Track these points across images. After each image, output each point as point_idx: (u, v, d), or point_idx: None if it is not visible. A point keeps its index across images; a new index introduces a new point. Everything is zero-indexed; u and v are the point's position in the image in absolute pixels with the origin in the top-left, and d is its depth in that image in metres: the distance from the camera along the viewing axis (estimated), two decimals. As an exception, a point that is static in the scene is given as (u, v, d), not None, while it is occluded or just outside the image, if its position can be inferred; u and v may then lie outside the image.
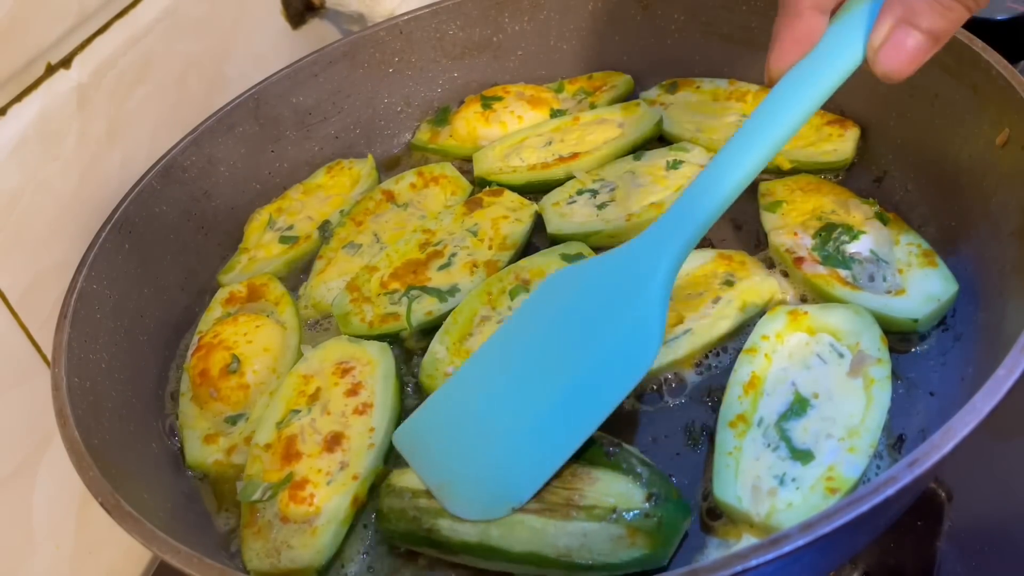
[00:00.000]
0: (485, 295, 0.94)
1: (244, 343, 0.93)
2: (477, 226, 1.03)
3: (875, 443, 0.74)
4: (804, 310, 0.84)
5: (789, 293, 0.91)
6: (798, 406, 0.77)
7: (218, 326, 0.96)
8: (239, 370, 0.90)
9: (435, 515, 0.73)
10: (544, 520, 0.70)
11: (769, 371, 0.81)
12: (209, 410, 0.90)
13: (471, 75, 1.23)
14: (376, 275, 0.99)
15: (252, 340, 0.93)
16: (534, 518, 0.71)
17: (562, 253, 0.97)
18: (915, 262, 0.89)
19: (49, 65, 0.94)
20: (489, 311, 0.93)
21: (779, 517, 0.70)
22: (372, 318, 0.95)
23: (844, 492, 0.70)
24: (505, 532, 0.71)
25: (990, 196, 0.88)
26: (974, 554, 0.83)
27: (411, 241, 1.03)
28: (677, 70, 1.19)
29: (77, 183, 0.97)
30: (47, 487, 0.94)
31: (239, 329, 0.94)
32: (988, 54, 0.89)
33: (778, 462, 0.74)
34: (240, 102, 1.12)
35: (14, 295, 0.90)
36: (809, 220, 0.94)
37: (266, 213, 1.13)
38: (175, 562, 0.65)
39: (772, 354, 0.82)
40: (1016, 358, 0.65)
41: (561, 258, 0.96)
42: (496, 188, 1.08)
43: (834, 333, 0.82)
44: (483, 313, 0.93)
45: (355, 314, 0.96)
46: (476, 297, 0.94)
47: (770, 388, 0.79)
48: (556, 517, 0.70)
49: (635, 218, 1.00)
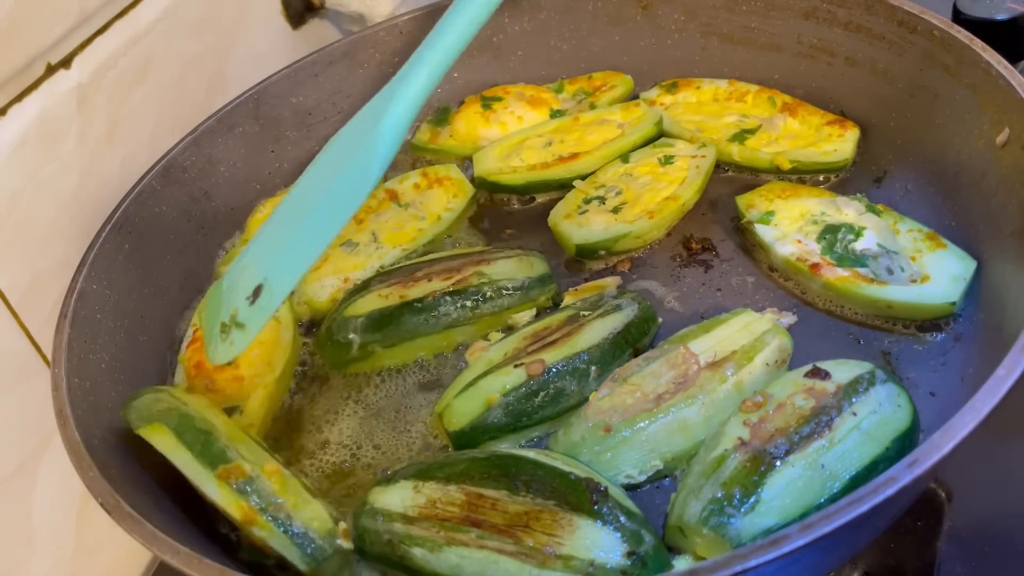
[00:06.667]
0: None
1: None
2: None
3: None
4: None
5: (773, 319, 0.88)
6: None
7: None
8: (234, 362, 0.89)
9: (409, 542, 0.72)
10: (519, 564, 0.69)
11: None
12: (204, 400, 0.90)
13: (471, 75, 1.23)
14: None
15: None
16: (510, 561, 0.69)
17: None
18: (924, 247, 0.90)
19: (49, 65, 0.94)
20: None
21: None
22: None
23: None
24: (479, 571, 0.70)
25: (990, 196, 0.88)
26: (974, 554, 0.83)
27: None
28: (677, 70, 1.19)
29: (77, 183, 0.97)
30: (47, 487, 0.94)
31: None
32: (988, 54, 0.89)
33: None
34: (240, 102, 1.12)
35: (14, 295, 0.90)
36: (805, 225, 0.94)
37: (270, 206, 1.12)
38: (175, 562, 0.65)
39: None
40: (1016, 358, 0.65)
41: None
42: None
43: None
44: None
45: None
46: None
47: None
48: (532, 563, 0.69)
49: (657, 215, 1.00)
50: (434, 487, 0.75)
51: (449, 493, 0.74)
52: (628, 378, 0.82)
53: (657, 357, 0.83)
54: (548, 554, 0.68)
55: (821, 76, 1.09)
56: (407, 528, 0.73)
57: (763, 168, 1.06)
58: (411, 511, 0.74)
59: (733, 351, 0.82)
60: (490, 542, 0.70)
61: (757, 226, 0.96)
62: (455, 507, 0.73)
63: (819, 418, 0.73)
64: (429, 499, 0.74)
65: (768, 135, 1.08)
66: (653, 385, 0.81)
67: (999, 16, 1.16)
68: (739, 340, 0.83)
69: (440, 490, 0.74)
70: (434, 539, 0.72)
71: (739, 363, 0.81)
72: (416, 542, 0.72)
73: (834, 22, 1.06)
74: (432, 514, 0.73)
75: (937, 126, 0.97)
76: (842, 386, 0.76)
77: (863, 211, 0.93)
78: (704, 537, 0.70)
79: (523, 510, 0.71)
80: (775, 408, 0.76)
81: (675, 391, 0.80)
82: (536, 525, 0.70)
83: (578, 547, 0.68)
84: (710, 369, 0.81)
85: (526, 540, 0.69)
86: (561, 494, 0.71)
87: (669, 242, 1.02)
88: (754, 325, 0.85)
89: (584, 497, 0.71)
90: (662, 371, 0.82)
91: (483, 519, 0.71)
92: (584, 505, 0.70)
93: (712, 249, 0.99)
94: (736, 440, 0.74)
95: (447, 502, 0.73)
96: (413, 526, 0.73)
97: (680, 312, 0.93)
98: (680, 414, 0.78)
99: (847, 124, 1.05)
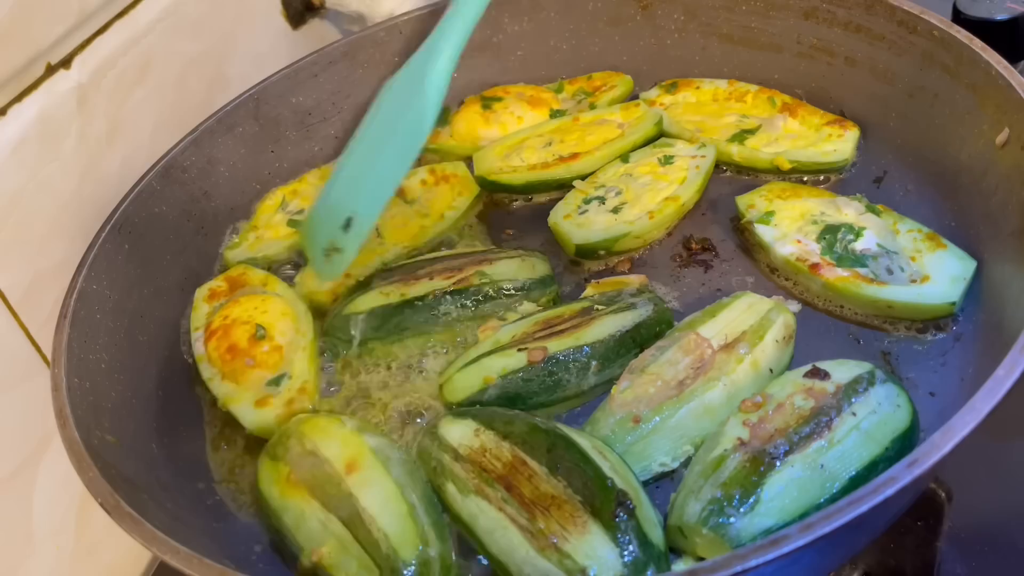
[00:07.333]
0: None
1: (259, 315, 0.95)
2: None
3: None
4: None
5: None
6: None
7: (224, 310, 0.97)
8: (267, 335, 0.93)
9: (449, 476, 0.77)
10: (522, 539, 0.71)
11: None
12: (247, 380, 0.91)
13: (471, 75, 1.23)
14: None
15: (265, 311, 0.96)
16: (516, 533, 0.71)
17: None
18: (923, 247, 0.90)
19: (49, 65, 0.94)
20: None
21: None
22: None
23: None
24: (490, 529, 0.73)
25: (990, 196, 0.88)
26: (974, 554, 0.83)
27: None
28: (677, 70, 1.19)
29: (77, 183, 0.97)
30: (47, 487, 0.94)
31: (247, 307, 0.96)
32: (988, 54, 0.89)
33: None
34: (240, 102, 1.12)
35: (14, 295, 0.90)
36: (805, 225, 0.94)
37: (280, 194, 1.13)
38: (175, 562, 0.65)
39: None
40: (1016, 358, 0.65)
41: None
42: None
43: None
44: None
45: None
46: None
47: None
48: (533, 544, 0.70)
49: (657, 215, 1.00)
50: (491, 437, 0.78)
51: (501, 447, 0.77)
52: (646, 368, 0.83)
53: (669, 346, 0.84)
54: (551, 542, 0.69)
55: (821, 76, 1.09)
56: (453, 463, 0.78)
57: (763, 168, 1.06)
58: (463, 450, 0.78)
59: (743, 331, 0.84)
60: (509, 508, 0.73)
61: (757, 226, 0.96)
62: (499, 463, 0.76)
63: (819, 418, 0.73)
64: (483, 445, 0.78)
65: (768, 135, 1.08)
66: (672, 372, 0.82)
67: (999, 16, 1.16)
68: (746, 320, 0.85)
69: (494, 441, 0.78)
70: (468, 483, 0.76)
71: (751, 342, 0.83)
72: (453, 479, 0.77)
73: (834, 22, 1.06)
74: (478, 460, 0.77)
75: (937, 126, 0.97)
76: (842, 386, 0.76)
77: (863, 211, 0.93)
78: (704, 537, 0.70)
79: (551, 493, 0.72)
80: (774, 408, 0.76)
81: (695, 376, 0.81)
82: (555, 512, 0.71)
83: (579, 549, 0.69)
84: (724, 351, 0.82)
85: (539, 521, 0.71)
86: (590, 494, 0.71)
87: (669, 242, 1.02)
88: (757, 305, 0.86)
89: (608, 507, 0.70)
90: (678, 358, 0.83)
91: (515, 485, 0.74)
92: (604, 514, 0.70)
93: (712, 249, 0.99)
94: (736, 440, 0.74)
95: (495, 455, 0.77)
96: (458, 464, 0.77)
97: (680, 312, 0.93)
98: (704, 398, 0.79)
99: (847, 124, 1.05)
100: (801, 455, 0.71)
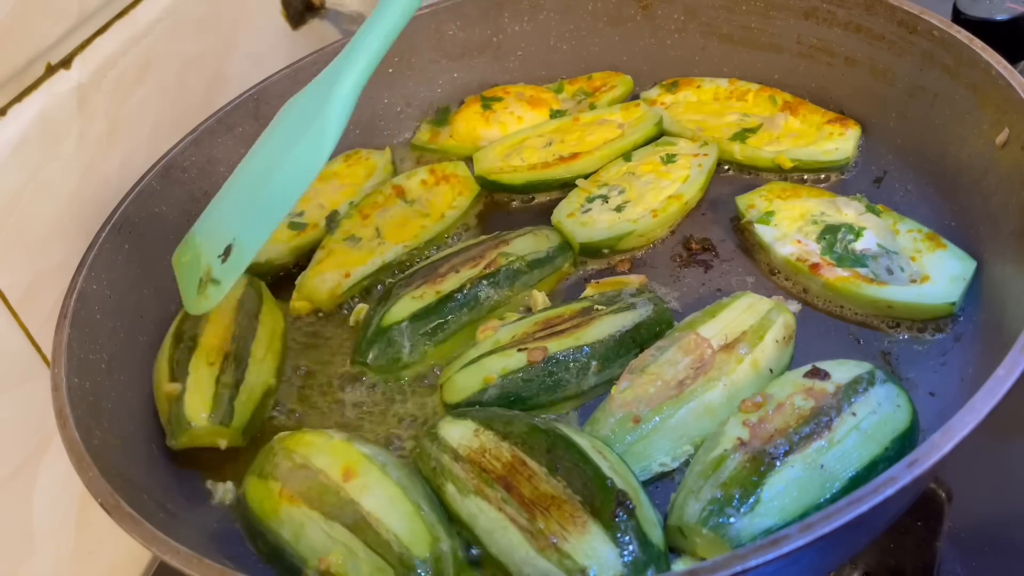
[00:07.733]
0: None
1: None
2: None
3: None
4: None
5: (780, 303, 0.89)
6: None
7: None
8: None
9: (448, 477, 0.77)
10: (521, 539, 0.71)
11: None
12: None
13: (471, 75, 1.23)
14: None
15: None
16: (516, 533, 0.71)
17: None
18: (923, 247, 0.90)
19: (49, 65, 0.94)
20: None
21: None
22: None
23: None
24: (489, 529, 0.72)
25: (990, 196, 0.88)
26: (974, 554, 0.83)
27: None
28: (677, 70, 1.19)
29: (77, 183, 0.97)
30: (47, 487, 0.94)
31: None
32: (988, 54, 0.89)
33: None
34: (240, 102, 1.12)
35: (14, 295, 0.90)
36: (804, 225, 0.94)
37: None
38: (175, 562, 0.65)
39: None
40: (1016, 358, 0.65)
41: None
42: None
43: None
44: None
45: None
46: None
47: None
48: (532, 544, 0.70)
49: (660, 213, 1.00)
50: (490, 437, 0.78)
51: (500, 448, 0.77)
52: (645, 368, 0.83)
53: (669, 346, 0.84)
54: (551, 542, 0.69)
55: (821, 76, 1.09)
56: (452, 464, 0.77)
57: (765, 167, 1.06)
58: (462, 450, 0.78)
59: (743, 331, 0.84)
60: (509, 508, 0.73)
61: (757, 226, 0.96)
62: (498, 463, 0.76)
63: (818, 418, 0.73)
64: (482, 446, 0.77)
65: (769, 134, 1.08)
66: (672, 373, 0.82)
67: (999, 16, 1.16)
68: (746, 321, 0.85)
69: (494, 442, 0.77)
70: (467, 484, 0.76)
71: (751, 342, 0.83)
72: (452, 479, 0.77)
73: (834, 22, 1.06)
74: (478, 460, 0.76)
75: (937, 126, 0.97)
76: (841, 386, 0.76)
77: (863, 211, 0.93)
78: (704, 537, 0.70)
79: (551, 493, 0.72)
80: (774, 408, 0.76)
81: (695, 376, 0.81)
82: (555, 512, 0.71)
83: (579, 550, 0.69)
84: (724, 351, 0.82)
85: (539, 521, 0.71)
86: (590, 494, 0.71)
87: (669, 242, 1.02)
88: (757, 305, 0.86)
89: (608, 507, 0.70)
90: (678, 358, 0.83)
91: (515, 485, 0.74)
92: (604, 514, 0.70)
93: (712, 249, 0.99)
94: (735, 440, 0.74)
95: (494, 456, 0.76)
96: (457, 464, 0.77)
97: (680, 313, 0.93)
98: (704, 398, 0.79)
99: (848, 122, 1.05)
100: (801, 455, 0.71)
